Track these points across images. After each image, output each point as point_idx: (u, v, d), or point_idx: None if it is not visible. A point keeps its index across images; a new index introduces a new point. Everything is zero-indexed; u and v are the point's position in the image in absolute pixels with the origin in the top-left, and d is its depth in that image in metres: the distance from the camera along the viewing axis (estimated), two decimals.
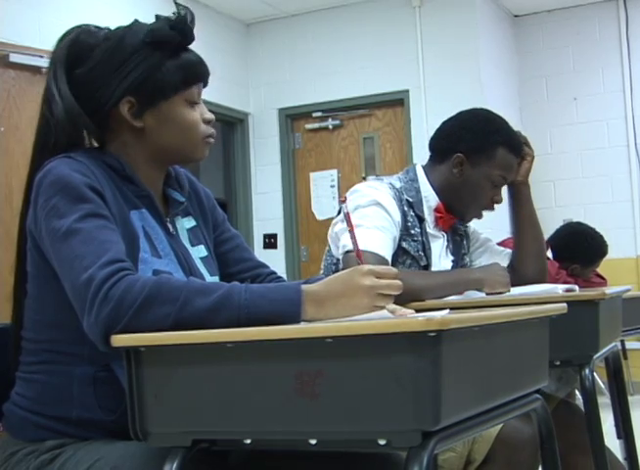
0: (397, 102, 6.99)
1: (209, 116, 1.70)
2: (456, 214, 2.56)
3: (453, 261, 2.58)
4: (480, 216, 2.59)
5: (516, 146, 2.53)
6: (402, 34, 6.91)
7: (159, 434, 1.33)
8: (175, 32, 1.63)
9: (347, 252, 2.30)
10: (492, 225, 4.76)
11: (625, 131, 7.25)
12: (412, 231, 2.45)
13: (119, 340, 1.34)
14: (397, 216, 2.42)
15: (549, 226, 4.84)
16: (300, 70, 7.26)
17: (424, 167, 2.59)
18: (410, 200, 2.48)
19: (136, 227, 1.59)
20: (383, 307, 1.38)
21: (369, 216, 2.35)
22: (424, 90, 6.81)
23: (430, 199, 2.53)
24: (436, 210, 2.53)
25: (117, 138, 1.68)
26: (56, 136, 1.63)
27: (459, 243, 2.64)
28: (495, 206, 2.57)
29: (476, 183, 2.49)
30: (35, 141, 1.69)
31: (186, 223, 1.77)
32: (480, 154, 2.48)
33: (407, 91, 6.90)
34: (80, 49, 1.66)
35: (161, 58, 1.62)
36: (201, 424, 1.29)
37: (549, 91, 7.52)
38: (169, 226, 1.70)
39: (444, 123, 2.59)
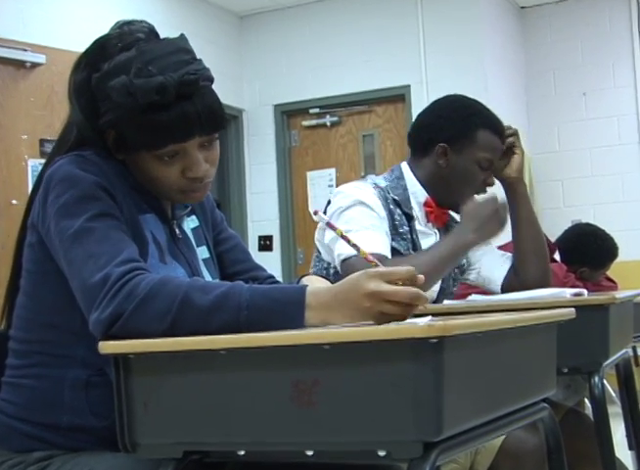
0: (398, 98, 6.99)
1: (194, 174, 1.61)
2: (449, 206, 2.58)
3: None
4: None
5: (496, 126, 2.57)
6: (403, 27, 6.92)
7: (148, 445, 1.33)
8: (154, 95, 1.52)
9: (344, 260, 2.32)
10: None
11: (637, 128, 7.26)
12: (400, 230, 2.48)
13: (108, 347, 1.34)
14: (383, 213, 2.44)
15: (557, 227, 4.84)
16: (297, 65, 7.26)
17: (409, 164, 2.62)
18: (396, 198, 2.51)
19: (145, 232, 1.61)
20: (394, 318, 1.32)
21: (356, 218, 2.39)
22: (426, 85, 6.82)
23: (418, 195, 2.56)
24: (426, 204, 2.56)
25: None
26: (76, 135, 1.65)
27: None
28: (486, 190, 2.58)
29: (464, 170, 2.53)
30: (58, 137, 1.71)
31: (190, 223, 1.79)
32: (462, 139, 2.52)
33: (408, 86, 6.91)
34: (99, 56, 1.62)
35: (133, 113, 1.55)
36: (192, 435, 1.29)
37: (557, 86, 7.53)
38: (176, 230, 1.72)
39: (420, 116, 2.64)
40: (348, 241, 1.51)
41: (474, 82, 6.59)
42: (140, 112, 1.53)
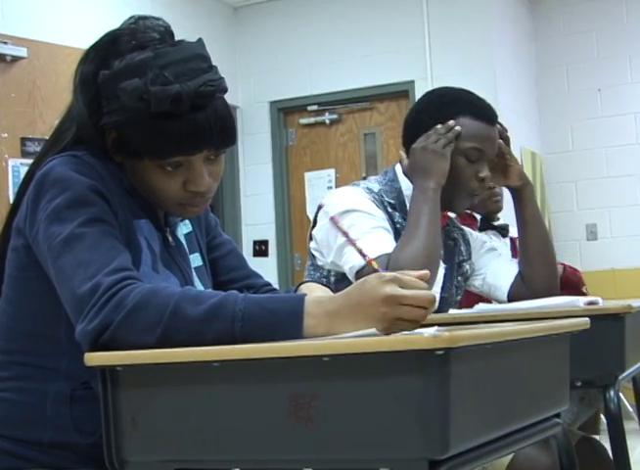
0: (401, 94, 6.99)
1: (196, 188, 1.63)
2: (444, 207, 2.51)
3: (446, 268, 2.59)
4: (472, 201, 2.57)
5: (479, 111, 2.49)
6: (407, 19, 6.92)
7: (137, 463, 1.34)
8: (169, 104, 1.53)
9: (359, 271, 2.31)
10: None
11: None
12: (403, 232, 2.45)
13: (94, 358, 1.35)
14: (380, 214, 2.43)
15: (570, 232, 4.87)
16: (294, 59, 7.27)
17: (402, 165, 2.60)
18: (392, 202, 2.50)
19: (140, 239, 1.62)
20: (413, 323, 1.34)
21: (354, 225, 2.38)
22: (431, 81, 6.82)
23: None
24: None
25: None
26: (74, 132, 1.65)
27: (452, 248, 2.65)
28: (484, 184, 2.53)
29: (450, 165, 2.45)
30: (53, 133, 1.71)
31: (184, 228, 1.80)
32: None
33: (412, 82, 6.91)
34: (110, 51, 1.62)
35: (142, 118, 1.55)
36: (183, 452, 1.30)
37: (570, 82, 7.54)
38: (169, 237, 1.73)
39: (406, 114, 2.63)
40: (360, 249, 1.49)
41: (482, 78, 6.59)
42: (149, 118, 1.54)
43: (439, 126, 2.44)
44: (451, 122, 2.43)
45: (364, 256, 1.87)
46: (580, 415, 3.07)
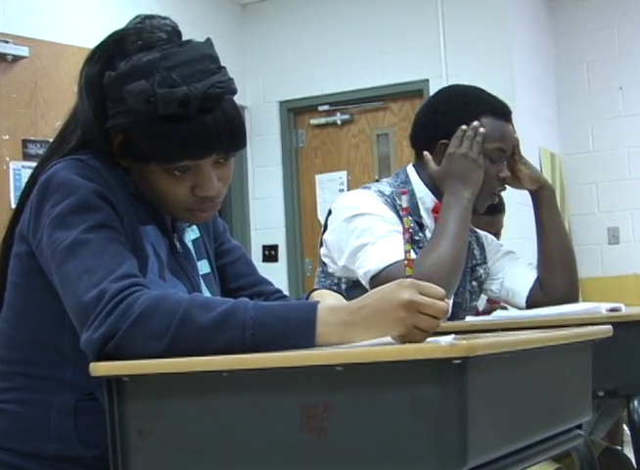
0: (415, 93, 6.99)
1: (204, 193, 1.62)
2: None
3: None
4: (493, 200, 2.60)
5: (499, 110, 2.55)
6: (421, 16, 6.92)
7: None
8: (176, 107, 1.53)
9: (375, 276, 2.32)
10: (523, 235, 4.77)
11: None
12: (416, 237, 2.48)
13: (100, 368, 1.35)
14: (393, 218, 2.43)
15: (591, 235, 4.85)
16: (304, 58, 7.27)
17: (414, 166, 2.62)
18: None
19: (146, 245, 1.62)
20: (425, 333, 1.34)
21: (368, 229, 2.40)
22: (446, 80, 6.81)
23: (426, 200, 2.56)
24: (435, 210, 2.55)
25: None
26: (79, 136, 1.65)
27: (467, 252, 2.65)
28: (505, 183, 2.59)
29: None
30: (57, 136, 1.71)
31: (191, 234, 1.80)
32: None
33: (427, 81, 6.90)
34: (115, 52, 1.63)
35: (148, 121, 1.55)
36: (191, 465, 1.30)
37: (591, 80, 7.53)
38: (177, 244, 1.73)
39: (417, 114, 2.65)
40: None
41: (499, 76, 6.58)
42: (156, 121, 1.54)
43: (465, 127, 2.46)
44: (476, 124, 2.46)
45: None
46: (599, 425, 3.06)
